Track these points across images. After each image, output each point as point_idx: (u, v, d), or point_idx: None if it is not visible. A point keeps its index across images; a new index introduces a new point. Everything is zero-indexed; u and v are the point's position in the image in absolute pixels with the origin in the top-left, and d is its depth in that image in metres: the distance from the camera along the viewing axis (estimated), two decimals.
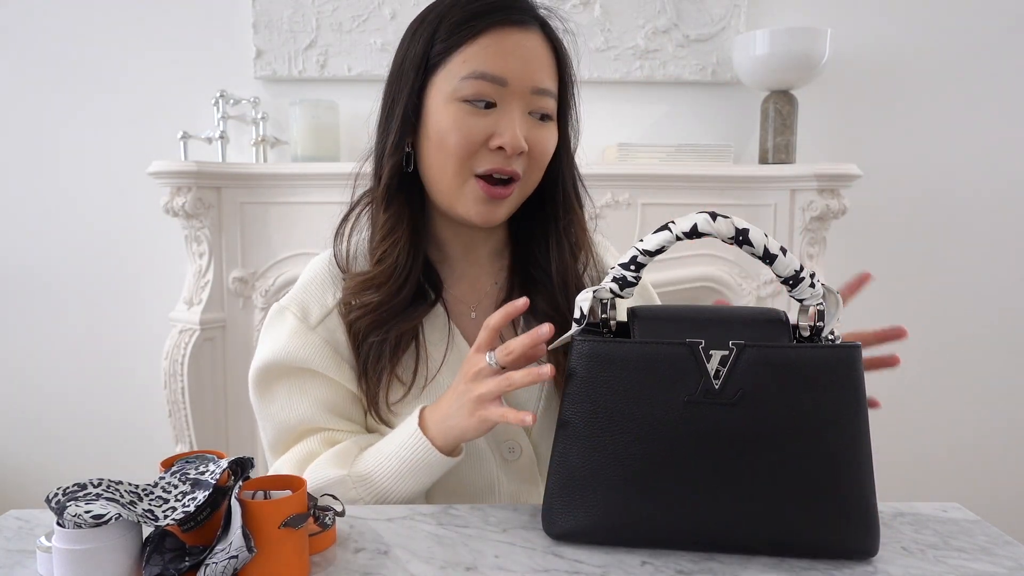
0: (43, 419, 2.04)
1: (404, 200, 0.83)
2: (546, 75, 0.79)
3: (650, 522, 0.61)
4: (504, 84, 0.76)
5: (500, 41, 0.77)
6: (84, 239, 1.97)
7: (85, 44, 1.90)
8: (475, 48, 0.77)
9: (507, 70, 0.76)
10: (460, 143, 0.77)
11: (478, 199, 0.79)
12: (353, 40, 1.87)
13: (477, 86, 0.76)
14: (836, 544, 0.61)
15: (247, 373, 0.86)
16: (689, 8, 1.89)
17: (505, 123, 0.77)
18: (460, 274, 0.89)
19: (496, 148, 0.77)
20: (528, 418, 0.65)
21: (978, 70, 1.95)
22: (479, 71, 0.76)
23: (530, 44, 0.78)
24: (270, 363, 0.83)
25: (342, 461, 0.78)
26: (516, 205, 0.83)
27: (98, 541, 0.52)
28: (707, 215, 0.62)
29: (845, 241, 1.94)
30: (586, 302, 0.64)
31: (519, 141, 0.76)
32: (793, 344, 0.61)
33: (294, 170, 1.71)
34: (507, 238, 0.91)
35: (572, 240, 0.87)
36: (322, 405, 0.83)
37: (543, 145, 0.80)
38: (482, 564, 0.61)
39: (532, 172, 0.81)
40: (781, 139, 1.77)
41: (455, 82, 0.77)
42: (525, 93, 0.77)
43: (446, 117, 0.77)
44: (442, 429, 0.74)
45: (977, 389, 2.06)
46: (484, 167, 0.78)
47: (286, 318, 0.84)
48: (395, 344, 0.81)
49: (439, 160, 0.79)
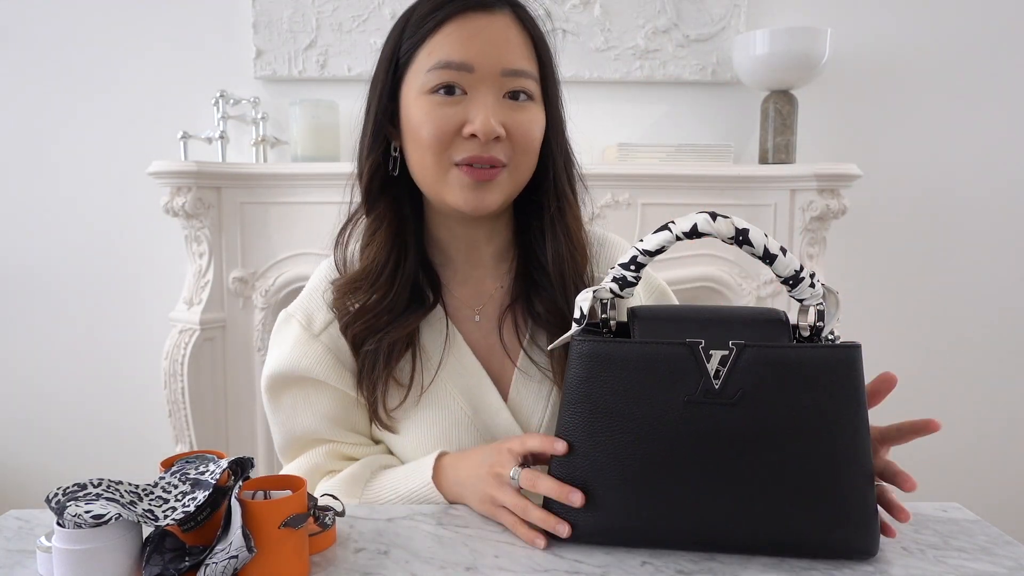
0: (43, 419, 2.04)
1: (390, 202, 0.83)
2: (518, 55, 0.77)
3: (650, 522, 0.61)
4: (471, 70, 0.75)
5: (463, 27, 0.75)
6: (84, 239, 1.97)
7: (85, 44, 1.90)
8: (438, 38, 0.76)
9: (471, 55, 0.75)
10: (433, 134, 0.75)
11: (463, 186, 0.77)
12: (353, 40, 1.87)
13: (443, 75, 0.75)
14: (836, 544, 0.61)
15: (247, 373, 0.88)
16: (689, 8, 1.89)
17: (475, 109, 0.75)
18: (463, 277, 0.88)
19: (469, 136, 0.75)
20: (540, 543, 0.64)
21: (978, 70, 1.95)
22: (443, 60, 0.75)
23: (497, 26, 0.76)
24: (275, 374, 0.84)
25: (352, 488, 0.79)
26: (510, 192, 0.80)
27: (98, 541, 0.52)
28: (707, 215, 0.62)
29: (845, 241, 1.94)
30: (586, 302, 0.64)
31: (490, 126, 0.74)
32: (793, 344, 0.61)
33: (294, 170, 1.71)
34: (512, 239, 0.89)
35: (567, 234, 0.83)
36: (326, 417, 0.83)
37: (524, 127, 0.77)
38: (482, 564, 0.61)
39: (519, 156, 0.78)
40: (781, 139, 1.77)
41: (422, 76, 0.76)
42: (495, 76, 0.75)
43: (418, 111, 0.76)
44: (453, 491, 0.74)
45: (977, 389, 2.06)
46: (461, 156, 0.76)
47: (292, 326, 0.85)
48: (388, 351, 0.80)
49: (418, 155, 0.78)
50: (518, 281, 0.87)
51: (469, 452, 0.75)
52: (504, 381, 0.85)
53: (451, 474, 0.75)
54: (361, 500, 0.79)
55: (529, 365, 0.84)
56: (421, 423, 0.82)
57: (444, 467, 0.76)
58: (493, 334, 0.86)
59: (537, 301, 0.84)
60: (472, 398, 0.83)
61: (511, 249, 0.89)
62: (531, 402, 0.84)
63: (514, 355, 0.85)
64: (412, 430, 0.82)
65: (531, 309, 0.84)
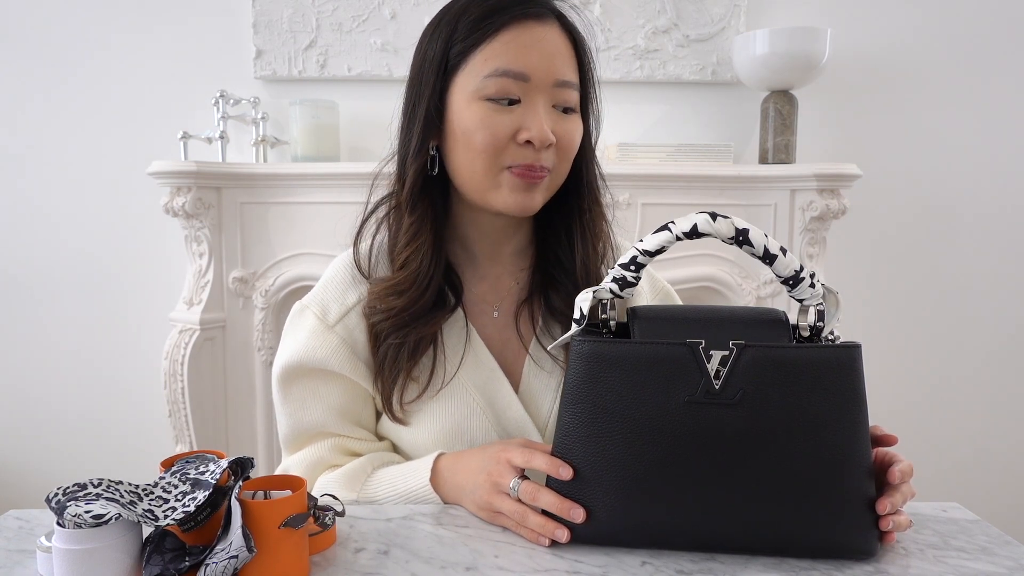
0: (43, 419, 2.04)
1: (428, 204, 0.83)
2: (567, 67, 0.79)
3: (650, 522, 0.61)
4: (527, 80, 0.76)
5: (520, 36, 0.77)
6: (84, 239, 1.97)
7: (85, 44, 1.90)
8: (496, 45, 0.76)
9: (529, 65, 0.76)
10: (488, 141, 0.77)
11: (514, 187, 0.78)
12: (353, 40, 1.87)
13: (501, 83, 0.76)
14: (836, 544, 0.61)
15: (247, 373, 0.88)
16: (689, 8, 1.89)
17: (531, 117, 0.77)
18: (483, 273, 0.89)
19: (524, 142, 0.77)
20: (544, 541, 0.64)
21: (978, 70, 1.95)
22: (502, 68, 0.76)
23: (550, 37, 0.78)
24: (289, 364, 0.84)
25: (352, 483, 0.80)
26: (549, 196, 0.83)
27: (98, 541, 0.52)
28: (707, 215, 0.62)
29: (845, 241, 1.94)
30: (586, 302, 0.64)
31: (546, 133, 0.76)
32: (793, 344, 0.61)
33: (294, 170, 1.70)
34: (531, 237, 0.91)
35: (595, 232, 0.87)
36: (335, 411, 0.84)
37: (570, 136, 0.80)
38: (482, 564, 0.61)
39: (561, 164, 0.81)
40: (781, 139, 1.77)
41: (478, 81, 0.77)
42: (548, 87, 0.78)
43: (471, 116, 0.77)
44: (452, 495, 0.75)
45: (977, 388, 2.06)
46: (514, 161, 0.78)
47: (306, 317, 0.86)
48: (414, 347, 0.82)
49: (468, 159, 0.79)
50: (535, 276, 0.89)
51: (467, 456, 0.76)
52: (516, 372, 0.87)
53: (449, 477, 0.75)
54: (359, 495, 0.79)
55: (541, 355, 0.86)
56: (435, 415, 0.83)
57: (442, 470, 0.77)
58: (509, 328, 0.88)
59: (555, 296, 0.86)
60: (486, 392, 0.84)
61: (530, 246, 0.91)
62: (540, 392, 0.86)
63: (528, 346, 0.87)
64: (425, 421, 0.83)
65: (548, 303, 0.87)
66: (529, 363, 0.86)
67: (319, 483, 0.83)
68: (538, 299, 0.88)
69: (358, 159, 1.85)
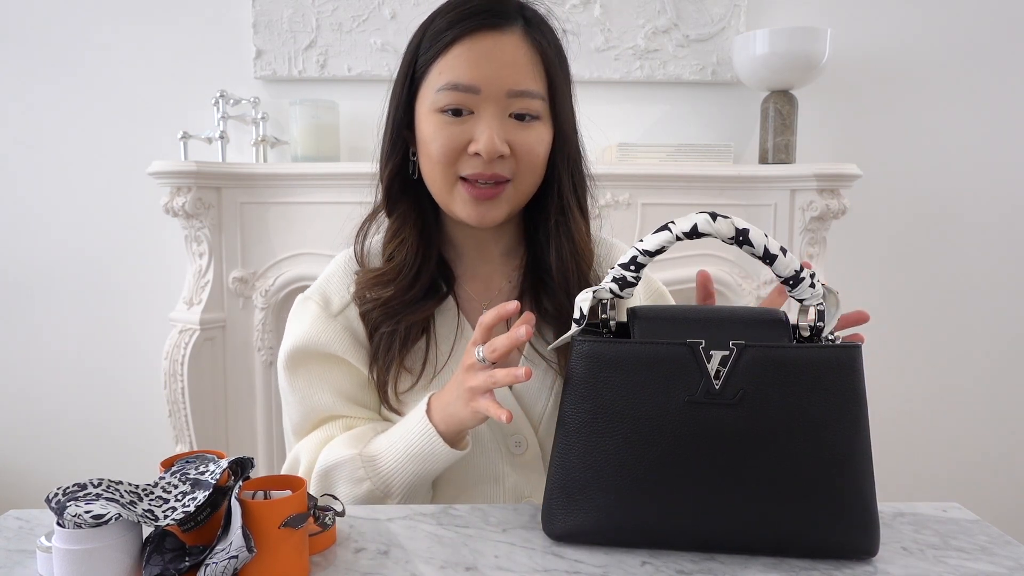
0: (43, 419, 2.04)
1: (411, 203, 0.87)
2: (524, 76, 0.79)
3: (650, 522, 0.61)
4: (477, 92, 0.78)
5: (471, 49, 0.78)
6: (84, 239, 1.97)
7: (85, 44, 1.90)
8: (448, 59, 0.79)
9: (478, 78, 0.78)
10: (441, 151, 0.80)
11: (466, 201, 0.82)
12: (353, 40, 1.87)
13: (450, 97, 0.79)
14: (836, 544, 0.61)
15: (247, 373, 0.89)
16: (689, 8, 1.89)
17: (481, 129, 0.79)
18: (474, 272, 0.91)
19: (474, 153, 0.79)
20: (503, 415, 0.66)
21: (978, 70, 1.95)
22: (451, 82, 0.78)
23: (506, 47, 0.79)
24: (294, 349, 0.87)
25: (355, 442, 0.81)
26: (515, 205, 0.84)
27: (98, 541, 0.52)
28: (707, 215, 0.62)
29: (845, 241, 1.94)
30: (586, 302, 0.65)
31: (494, 146, 0.78)
32: (793, 344, 0.61)
33: (294, 170, 1.71)
34: (520, 237, 0.92)
35: (571, 241, 0.86)
36: (341, 394, 0.86)
37: (527, 146, 0.80)
38: (482, 564, 0.61)
39: (524, 173, 0.82)
40: (781, 139, 1.77)
41: (432, 94, 0.80)
42: (500, 97, 0.79)
43: (428, 127, 0.81)
44: (444, 416, 0.76)
45: (977, 388, 2.06)
46: (467, 171, 0.80)
47: (309, 307, 0.88)
48: (405, 335, 0.84)
49: (428, 167, 0.83)
50: (527, 277, 0.90)
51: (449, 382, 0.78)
52: None
53: (439, 402, 0.77)
54: (362, 452, 0.79)
55: (534, 356, 0.87)
56: None
57: (433, 401, 0.78)
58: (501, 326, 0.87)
59: (545, 299, 0.87)
60: None
61: (520, 248, 0.93)
62: (535, 391, 0.87)
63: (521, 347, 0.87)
64: None
65: (539, 305, 0.88)
66: (523, 362, 0.87)
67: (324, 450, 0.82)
68: (530, 300, 0.89)
69: (358, 159, 1.85)
